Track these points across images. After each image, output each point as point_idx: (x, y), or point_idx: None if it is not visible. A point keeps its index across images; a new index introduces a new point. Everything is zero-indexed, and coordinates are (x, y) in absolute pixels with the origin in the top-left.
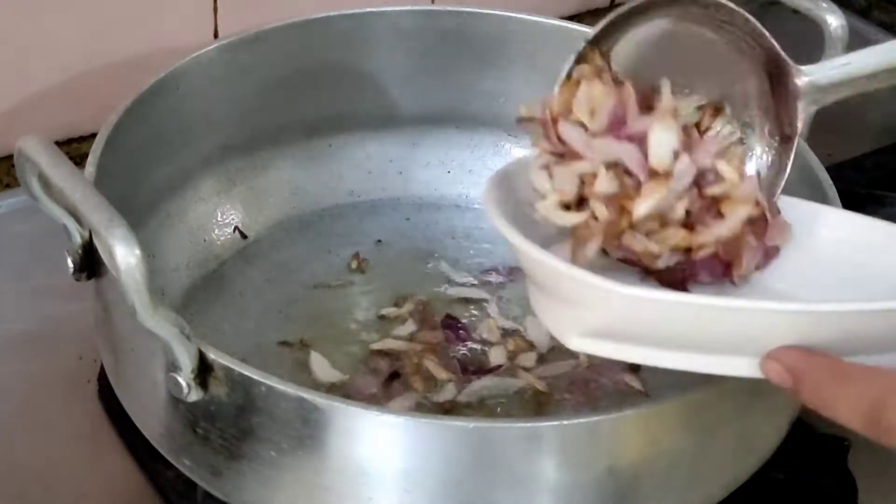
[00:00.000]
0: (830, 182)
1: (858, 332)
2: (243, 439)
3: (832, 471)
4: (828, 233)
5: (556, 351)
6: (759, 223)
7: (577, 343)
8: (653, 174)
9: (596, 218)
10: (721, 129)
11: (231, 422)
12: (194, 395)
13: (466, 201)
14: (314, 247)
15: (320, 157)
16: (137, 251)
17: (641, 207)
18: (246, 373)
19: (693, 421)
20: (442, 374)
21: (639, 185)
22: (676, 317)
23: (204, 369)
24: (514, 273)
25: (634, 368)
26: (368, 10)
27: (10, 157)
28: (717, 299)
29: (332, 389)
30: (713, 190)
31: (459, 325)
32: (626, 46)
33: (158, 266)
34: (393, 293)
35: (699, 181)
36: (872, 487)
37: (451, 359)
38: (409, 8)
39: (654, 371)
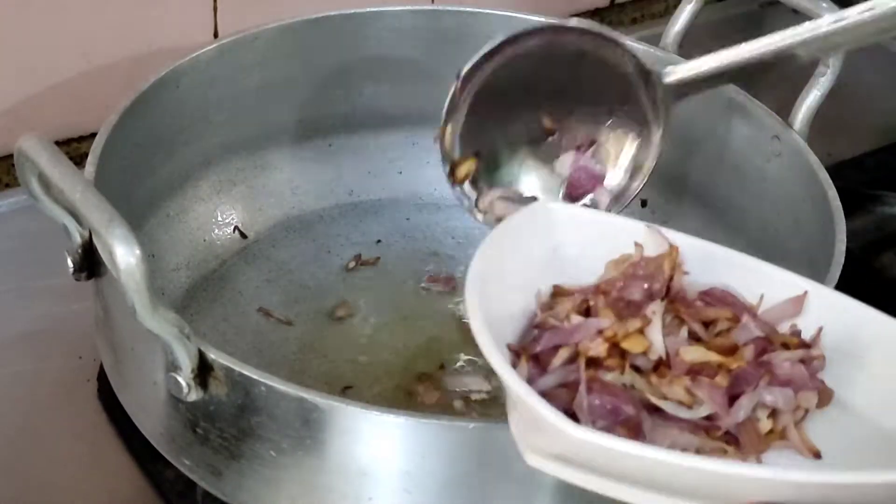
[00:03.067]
0: (830, 182)
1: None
2: (243, 439)
3: None
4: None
5: None
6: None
7: (534, 461)
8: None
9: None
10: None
11: (231, 422)
12: (194, 395)
13: None
14: (314, 247)
15: (320, 157)
16: (137, 251)
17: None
18: (246, 373)
19: None
20: None
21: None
22: (634, 464)
23: (204, 369)
24: None
25: None
26: (368, 10)
27: (10, 156)
28: (675, 456)
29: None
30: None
31: None
32: (504, 73)
33: (158, 266)
34: (393, 293)
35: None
36: None
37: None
38: (409, 8)
39: None
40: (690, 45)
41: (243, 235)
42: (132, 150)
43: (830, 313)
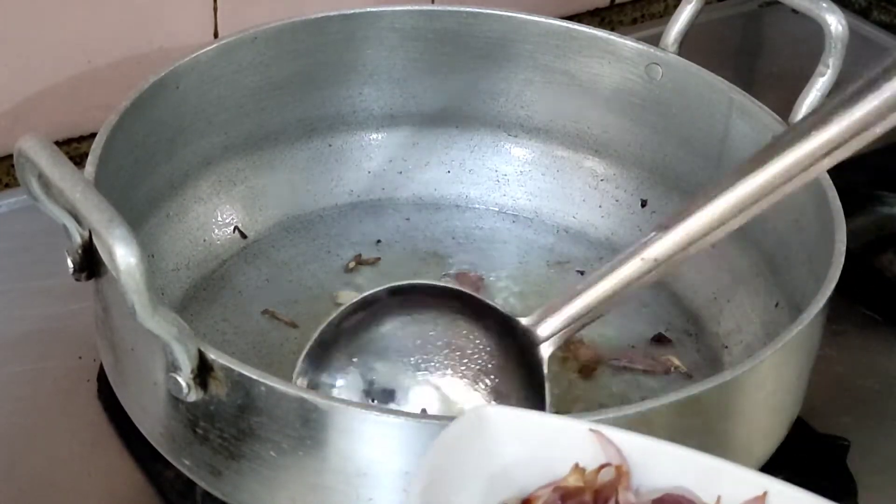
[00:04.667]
0: (830, 182)
1: None
2: (243, 439)
3: (832, 471)
4: None
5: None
6: None
7: None
8: None
9: None
10: None
11: (231, 422)
12: (194, 395)
13: (466, 201)
14: (314, 247)
15: (320, 157)
16: (137, 251)
17: None
18: (246, 373)
19: (693, 421)
20: None
21: None
22: None
23: (204, 369)
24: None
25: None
26: (368, 10)
27: (10, 157)
28: None
29: None
30: None
31: None
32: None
33: (158, 266)
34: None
35: None
36: (872, 487)
37: None
38: (408, 8)
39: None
40: (690, 45)
41: (243, 235)
42: (132, 150)
43: None
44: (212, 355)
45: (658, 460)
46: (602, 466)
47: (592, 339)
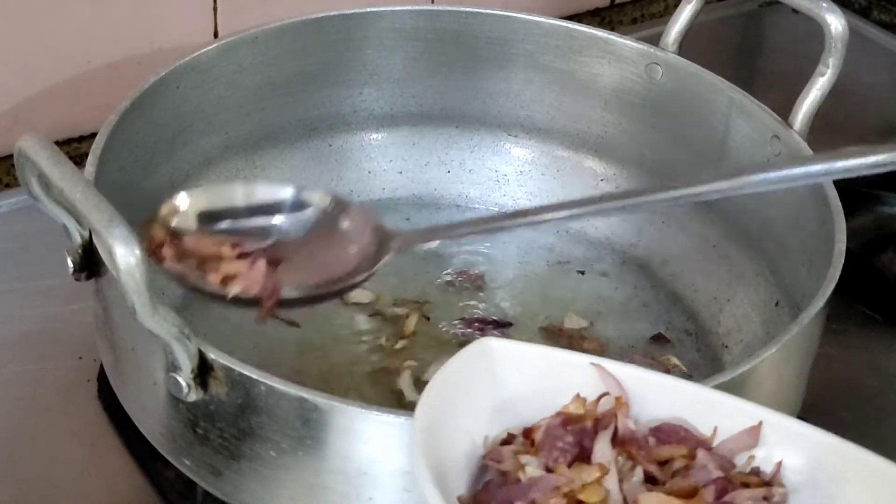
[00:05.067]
0: (830, 182)
1: None
2: (243, 439)
3: None
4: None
5: None
6: None
7: None
8: None
9: None
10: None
11: (231, 422)
12: (194, 395)
13: (466, 201)
14: None
15: (320, 157)
16: (137, 251)
17: None
18: (246, 373)
19: None
20: None
21: None
22: None
23: (204, 369)
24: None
25: None
26: (368, 10)
27: (10, 157)
28: None
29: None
30: None
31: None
32: None
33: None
34: (392, 293)
35: None
36: None
37: None
38: (408, 8)
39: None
40: (690, 45)
41: None
42: (132, 150)
43: (788, 442)
44: (212, 355)
45: (656, 392)
46: (602, 395)
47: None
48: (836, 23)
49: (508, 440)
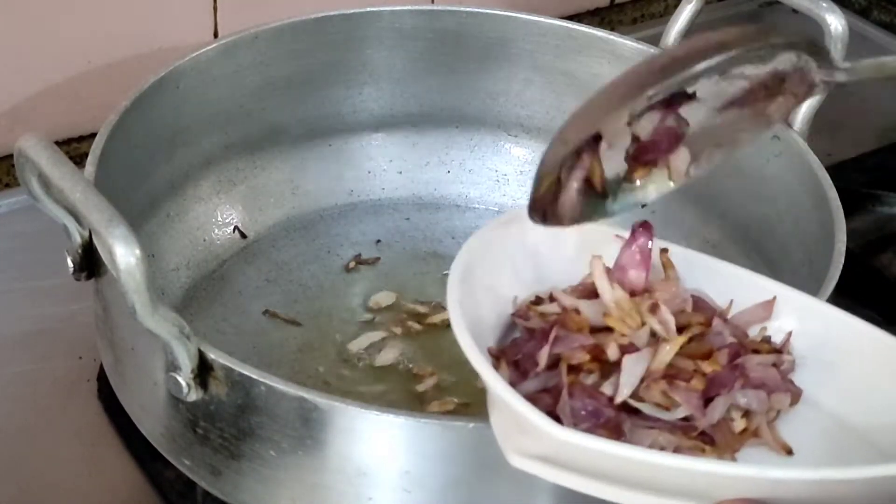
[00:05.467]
0: (830, 182)
1: (832, 498)
2: (243, 439)
3: None
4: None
5: None
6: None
7: (519, 462)
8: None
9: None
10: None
11: (231, 422)
12: (194, 395)
13: (466, 201)
14: (314, 247)
15: (320, 157)
16: (137, 251)
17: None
18: (246, 373)
19: None
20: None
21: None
22: (615, 464)
23: (204, 369)
24: None
25: None
26: (368, 9)
27: (10, 157)
28: (653, 454)
29: None
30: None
31: None
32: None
33: (158, 266)
34: (392, 293)
35: None
36: None
37: None
38: (408, 8)
39: None
40: None
41: (243, 235)
42: (132, 150)
43: (799, 316)
44: (212, 355)
45: (677, 264)
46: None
47: None
48: (836, 23)
49: (537, 302)
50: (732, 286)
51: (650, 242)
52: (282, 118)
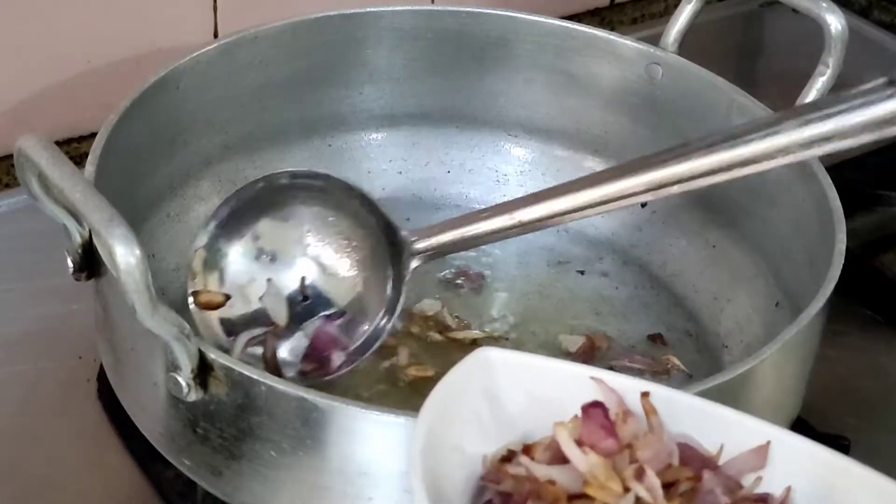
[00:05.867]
0: (830, 182)
1: None
2: (243, 439)
3: None
4: None
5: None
6: None
7: None
8: None
9: None
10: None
11: (231, 422)
12: (194, 395)
13: (466, 201)
14: None
15: (320, 157)
16: (137, 251)
17: None
18: (246, 373)
19: None
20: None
21: None
22: None
23: (204, 369)
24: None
25: None
26: (368, 10)
27: (10, 157)
28: None
29: None
30: None
31: None
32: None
33: (158, 266)
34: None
35: None
36: None
37: None
38: (408, 8)
39: None
40: (690, 45)
41: None
42: (132, 150)
43: (797, 462)
44: (212, 355)
45: (659, 406)
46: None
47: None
48: (835, 23)
49: (508, 457)
50: (721, 429)
51: (609, 413)
52: (282, 118)
